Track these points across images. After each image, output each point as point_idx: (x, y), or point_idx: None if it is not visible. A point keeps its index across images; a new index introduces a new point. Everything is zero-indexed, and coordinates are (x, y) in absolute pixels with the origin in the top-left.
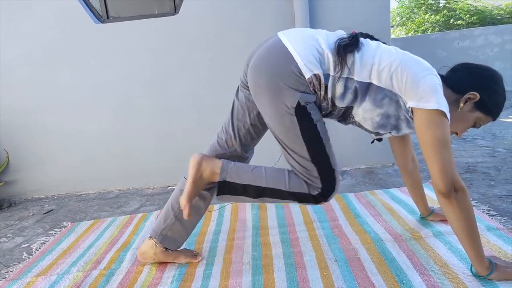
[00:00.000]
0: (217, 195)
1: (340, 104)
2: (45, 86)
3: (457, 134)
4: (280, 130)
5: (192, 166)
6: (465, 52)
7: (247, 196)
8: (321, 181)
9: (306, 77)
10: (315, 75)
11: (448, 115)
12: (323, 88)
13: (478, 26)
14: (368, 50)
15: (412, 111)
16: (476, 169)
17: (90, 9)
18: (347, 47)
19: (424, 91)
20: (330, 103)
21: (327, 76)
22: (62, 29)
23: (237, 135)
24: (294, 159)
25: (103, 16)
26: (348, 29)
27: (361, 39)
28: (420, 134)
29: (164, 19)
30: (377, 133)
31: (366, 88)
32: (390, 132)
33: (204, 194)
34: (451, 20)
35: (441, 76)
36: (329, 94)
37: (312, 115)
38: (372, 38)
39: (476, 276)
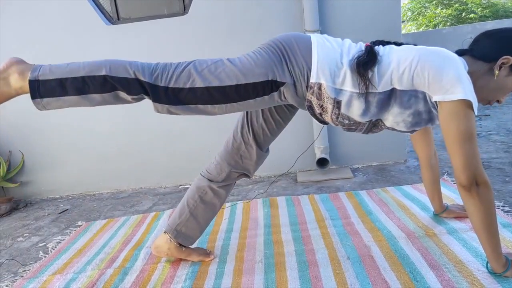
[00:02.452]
0: (32, 98)
1: (364, 119)
2: None
3: (498, 101)
4: (246, 64)
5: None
6: None
7: (67, 94)
8: (168, 79)
9: (310, 80)
10: (319, 83)
11: (475, 105)
12: (328, 99)
13: (491, 20)
14: (383, 59)
15: (437, 104)
16: (491, 165)
17: (101, 11)
18: (366, 65)
19: (448, 83)
20: (340, 117)
21: (337, 91)
22: (74, 31)
23: (250, 130)
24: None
25: (113, 18)
26: (357, 32)
27: (376, 49)
28: (444, 127)
29: (174, 19)
30: (413, 131)
31: (389, 95)
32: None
33: (219, 192)
34: (463, 14)
35: (466, 50)
36: (343, 110)
37: (264, 96)
38: (384, 43)
39: (492, 273)
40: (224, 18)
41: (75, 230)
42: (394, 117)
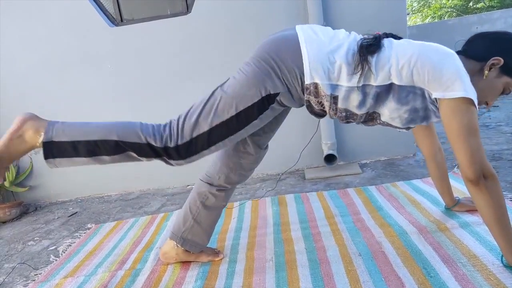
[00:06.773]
0: (45, 158)
1: (361, 111)
2: (63, 90)
3: (487, 104)
4: (237, 89)
5: (14, 123)
6: None
7: (78, 156)
8: (175, 138)
9: (306, 82)
10: (314, 83)
11: (476, 101)
12: (324, 97)
13: (497, 9)
14: (382, 52)
15: (437, 101)
16: (502, 157)
17: (104, 13)
18: (370, 47)
19: (448, 80)
20: (338, 112)
21: (334, 86)
22: (77, 34)
23: None
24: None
25: (117, 19)
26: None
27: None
28: (447, 123)
29: (177, 19)
30: (407, 128)
31: (387, 90)
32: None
33: (221, 196)
34: (471, 4)
35: (459, 51)
36: (340, 104)
37: (265, 112)
38: (393, 36)
39: (507, 266)
40: (227, 15)
41: (84, 232)
42: (390, 112)
